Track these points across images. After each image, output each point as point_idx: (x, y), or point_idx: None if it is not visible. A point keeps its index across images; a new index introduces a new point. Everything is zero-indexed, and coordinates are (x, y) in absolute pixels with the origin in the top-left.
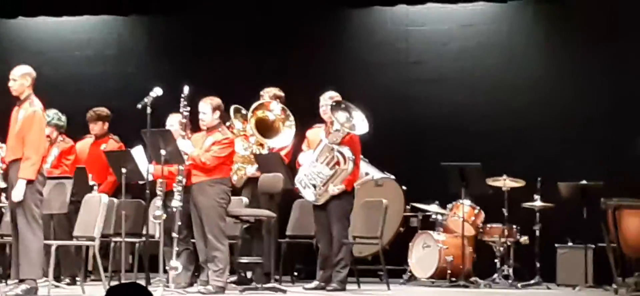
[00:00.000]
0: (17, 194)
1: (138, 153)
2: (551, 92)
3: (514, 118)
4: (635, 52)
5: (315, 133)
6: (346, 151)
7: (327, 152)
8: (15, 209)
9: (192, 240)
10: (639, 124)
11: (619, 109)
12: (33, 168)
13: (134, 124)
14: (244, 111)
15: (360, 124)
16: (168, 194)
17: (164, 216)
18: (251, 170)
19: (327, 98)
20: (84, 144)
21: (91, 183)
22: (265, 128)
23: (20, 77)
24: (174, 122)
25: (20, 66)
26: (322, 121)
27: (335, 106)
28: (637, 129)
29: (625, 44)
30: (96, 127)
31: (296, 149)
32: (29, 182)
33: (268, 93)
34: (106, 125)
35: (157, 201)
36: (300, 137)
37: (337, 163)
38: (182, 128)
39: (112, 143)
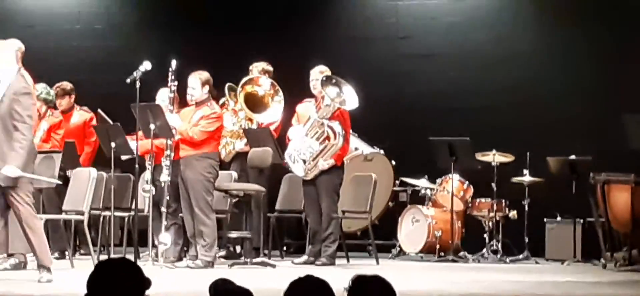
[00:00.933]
0: None
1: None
2: (540, 68)
3: (503, 93)
4: (623, 26)
5: (305, 108)
6: (336, 126)
7: (317, 127)
8: None
9: (181, 215)
10: (628, 100)
11: (608, 84)
12: None
13: (122, 99)
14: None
15: (350, 99)
16: (156, 168)
17: (153, 190)
18: (240, 145)
19: (318, 73)
20: (58, 117)
21: None
22: (254, 103)
23: None
24: (164, 96)
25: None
26: (311, 95)
27: (326, 81)
28: (626, 105)
29: (613, 19)
30: (64, 102)
31: (286, 123)
32: None
33: (257, 68)
34: (72, 98)
35: (146, 175)
36: (289, 111)
37: (327, 138)
38: (170, 103)
39: (83, 114)
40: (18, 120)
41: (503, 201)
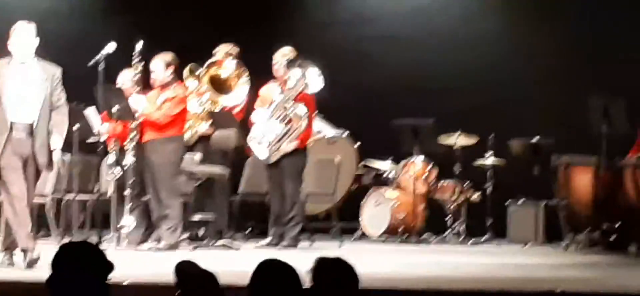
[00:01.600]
0: None
1: (91, 112)
2: (504, 50)
3: (467, 75)
4: (586, 6)
5: (268, 90)
6: (300, 108)
7: (281, 109)
8: None
9: (144, 198)
10: (591, 82)
11: (570, 67)
12: None
13: (86, 82)
14: (198, 71)
15: (314, 81)
16: (121, 151)
17: (120, 172)
18: (204, 127)
19: (280, 55)
20: None
21: None
22: (218, 86)
23: None
24: (125, 78)
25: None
26: (275, 78)
27: (291, 63)
28: (588, 87)
29: (577, 2)
30: None
31: (249, 106)
32: None
33: (221, 50)
34: None
35: (111, 158)
36: (253, 95)
37: (291, 120)
38: (135, 83)
39: None
40: (61, 101)
41: (466, 183)
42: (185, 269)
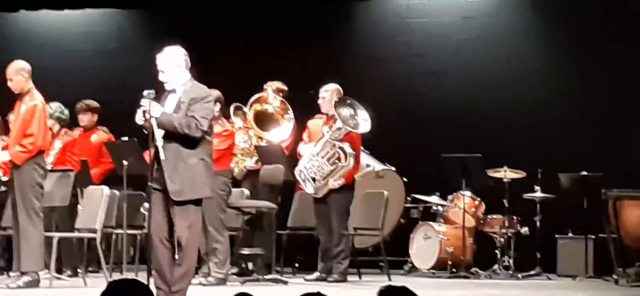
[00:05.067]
0: None
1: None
2: (551, 84)
3: (514, 110)
4: (633, 43)
5: (316, 123)
6: (347, 147)
7: (329, 148)
8: (16, 202)
9: None
10: (639, 116)
11: (618, 99)
12: (22, 155)
13: (133, 118)
14: (244, 109)
15: (363, 123)
16: None
17: None
18: (251, 162)
19: (324, 91)
20: (72, 136)
21: None
22: (265, 121)
23: (15, 74)
24: None
25: (13, 63)
26: (321, 112)
27: (340, 102)
28: (636, 120)
29: (623, 35)
30: (85, 118)
31: (297, 140)
32: (14, 164)
33: (271, 86)
34: (95, 117)
35: None
36: (300, 128)
37: (338, 159)
38: None
39: (102, 134)
40: (193, 119)
41: (515, 217)
42: None
